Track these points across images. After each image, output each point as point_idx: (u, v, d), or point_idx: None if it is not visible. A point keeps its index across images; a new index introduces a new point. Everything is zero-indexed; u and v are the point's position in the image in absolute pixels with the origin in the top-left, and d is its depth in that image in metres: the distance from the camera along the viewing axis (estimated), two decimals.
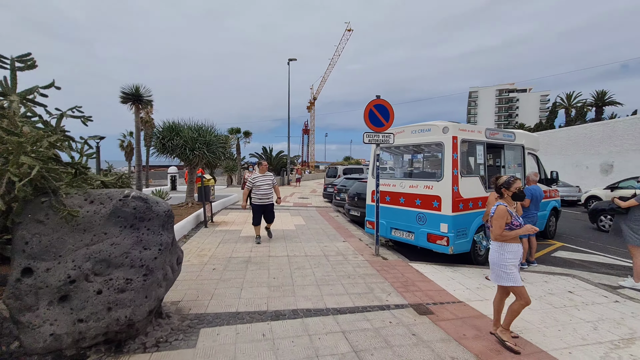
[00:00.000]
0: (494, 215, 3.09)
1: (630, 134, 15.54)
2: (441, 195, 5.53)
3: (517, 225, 3.06)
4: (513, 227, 3.06)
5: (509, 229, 3.05)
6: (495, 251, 3.15)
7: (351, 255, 6.13)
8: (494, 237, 3.11)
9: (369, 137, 5.99)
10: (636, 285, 4.84)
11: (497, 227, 3.05)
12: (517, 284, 2.97)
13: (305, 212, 11.96)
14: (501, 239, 3.06)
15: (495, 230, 3.07)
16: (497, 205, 3.13)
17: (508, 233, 3.03)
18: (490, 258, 3.20)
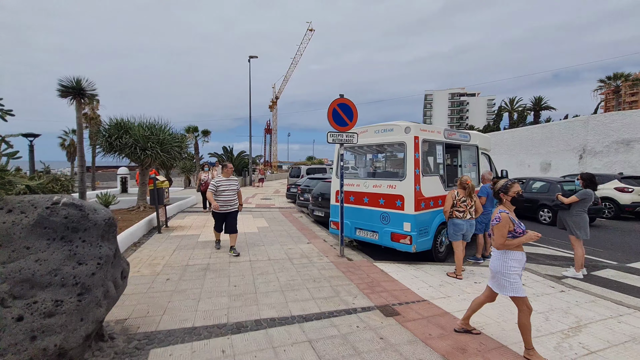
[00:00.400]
0: (497, 224, 2.90)
1: (563, 136, 17.25)
2: (404, 194, 5.59)
3: (521, 233, 2.88)
4: (516, 234, 2.88)
5: (512, 236, 2.88)
6: (497, 259, 2.97)
7: (316, 258, 5.99)
8: (497, 246, 2.94)
9: (332, 136, 5.90)
10: (577, 274, 5.26)
11: (500, 235, 2.88)
12: (520, 294, 2.84)
13: (268, 213, 11.63)
14: (504, 248, 2.90)
15: (498, 239, 2.90)
16: (500, 212, 2.93)
17: (511, 241, 2.86)
18: (491, 266, 3.04)
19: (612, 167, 14.44)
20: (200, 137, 40.53)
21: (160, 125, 12.54)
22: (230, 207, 6.04)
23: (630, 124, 13.96)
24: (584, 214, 5.25)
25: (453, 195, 5.08)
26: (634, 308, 3.99)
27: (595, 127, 15.32)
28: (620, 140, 14.28)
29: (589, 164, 15.52)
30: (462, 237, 5.10)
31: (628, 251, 6.93)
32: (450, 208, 5.11)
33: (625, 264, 5.96)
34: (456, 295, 4.29)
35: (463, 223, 5.01)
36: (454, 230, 5.05)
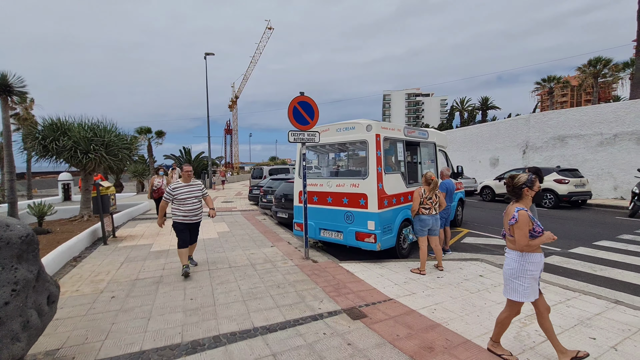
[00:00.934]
0: (516, 224, 2.60)
1: (509, 133, 18.64)
2: (367, 192, 5.56)
3: (540, 232, 2.62)
4: (535, 234, 2.62)
5: (531, 236, 2.61)
6: (514, 261, 2.71)
7: (280, 262, 5.76)
8: (519, 248, 2.63)
9: (294, 135, 5.70)
10: None
11: (522, 236, 2.58)
12: (528, 299, 2.66)
13: (229, 217, 11.13)
14: (527, 250, 2.62)
15: (521, 240, 2.59)
16: (518, 210, 2.62)
17: (533, 242, 2.59)
18: (506, 269, 2.77)
19: (551, 161, 15.87)
20: (154, 139, 38.06)
21: (105, 125, 11.48)
22: (196, 217, 5.11)
23: (564, 122, 15.44)
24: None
25: (420, 192, 5.12)
26: (578, 292, 4.29)
27: (535, 125, 16.73)
28: (557, 137, 15.74)
29: (531, 158, 16.91)
30: (428, 232, 5.18)
31: (568, 237, 7.56)
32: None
33: (567, 250, 6.47)
34: (421, 292, 4.32)
35: (429, 218, 5.09)
36: (421, 226, 5.11)
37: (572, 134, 15.20)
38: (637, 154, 13.24)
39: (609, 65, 40.32)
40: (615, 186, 13.89)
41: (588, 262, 5.67)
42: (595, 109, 14.58)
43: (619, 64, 40.65)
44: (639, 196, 10.06)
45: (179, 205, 4.97)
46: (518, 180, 2.76)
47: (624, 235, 7.56)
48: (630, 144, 13.44)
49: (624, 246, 6.68)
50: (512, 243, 2.72)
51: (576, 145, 15.08)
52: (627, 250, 6.40)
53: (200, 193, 5.20)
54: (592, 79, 41.21)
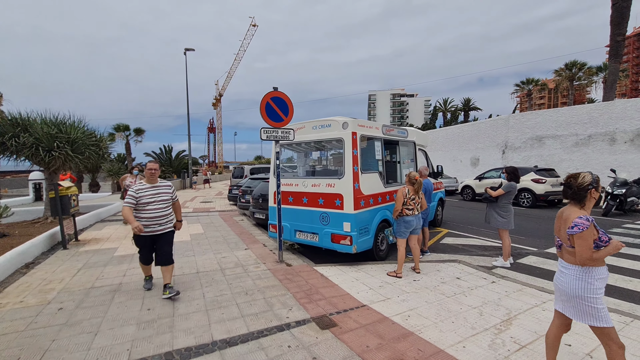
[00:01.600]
0: (580, 233, 2.17)
1: (489, 134, 18.92)
2: (343, 193, 5.35)
3: (606, 242, 2.19)
4: (601, 244, 2.19)
5: (597, 247, 2.18)
6: (578, 279, 2.25)
7: (252, 266, 5.48)
8: (581, 262, 2.20)
9: (266, 133, 5.42)
10: (505, 264, 5.52)
11: (586, 248, 2.15)
12: (609, 324, 2.18)
13: (205, 218, 10.71)
14: (592, 264, 2.18)
15: (584, 252, 2.16)
16: (580, 218, 2.20)
17: (598, 254, 2.16)
18: (567, 288, 2.30)
19: (529, 160, 16.18)
20: (132, 136, 36.85)
21: (72, 122, 10.84)
22: (162, 226, 4.12)
23: (542, 122, 15.77)
24: (509, 205, 5.51)
25: (404, 193, 4.93)
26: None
27: (514, 125, 17.03)
28: (535, 137, 16.06)
29: (510, 158, 17.21)
30: (411, 232, 5.01)
31: (545, 237, 7.60)
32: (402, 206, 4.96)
33: (544, 250, 6.46)
34: (395, 297, 4.13)
35: (413, 219, 4.92)
36: (405, 227, 4.92)
37: (549, 135, 15.53)
38: (610, 154, 13.63)
39: (583, 69, 41.94)
40: None
41: None
42: (570, 110, 14.94)
43: (593, 68, 42.35)
44: (611, 196, 10.30)
45: (139, 212, 4.01)
46: (583, 181, 2.29)
47: None
48: (604, 144, 13.83)
49: None
50: (572, 255, 2.28)
51: (553, 146, 15.42)
52: None
53: (169, 197, 4.20)
54: (568, 82, 42.73)
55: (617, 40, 17.43)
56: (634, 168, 12.89)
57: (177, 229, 4.40)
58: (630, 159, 13.11)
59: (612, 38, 17.54)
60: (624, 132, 13.25)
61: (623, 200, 10.22)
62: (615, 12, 17.13)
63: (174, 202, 4.36)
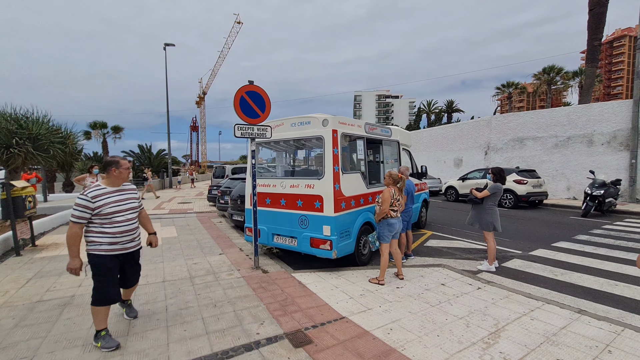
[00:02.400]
0: None
1: (472, 135, 19.07)
2: (322, 194, 5.02)
3: None
4: None
5: None
6: None
7: (225, 273, 5.07)
8: None
9: (241, 130, 5.03)
10: (490, 268, 5.34)
11: None
12: None
13: (181, 220, 10.17)
14: None
15: None
16: None
17: None
18: None
19: (511, 162, 16.36)
20: (110, 134, 35.49)
21: (35, 117, 10.09)
22: (134, 242, 3.20)
23: (523, 124, 15.97)
24: (495, 207, 5.33)
25: (391, 193, 4.64)
26: (542, 300, 4.02)
27: (496, 127, 17.19)
28: (516, 138, 16.25)
29: (492, 159, 17.37)
30: (393, 235, 4.73)
31: (528, 239, 7.52)
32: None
33: (528, 253, 6.35)
34: (377, 307, 3.84)
35: (396, 222, 4.64)
36: (389, 230, 4.62)
37: (530, 136, 15.74)
38: (588, 156, 13.90)
39: (560, 74, 43.40)
40: (568, 186, 14.52)
41: (549, 266, 5.53)
42: (550, 112, 15.18)
43: (569, 73, 43.87)
44: (590, 197, 10.42)
45: (103, 227, 2.92)
46: None
47: (579, 236, 7.65)
48: (582, 146, 14.09)
49: (580, 247, 6.69)
50: None
51: (533, 147, 15.63)
52: (584, 251, 6.39)
53: (137, 203, 3.23)
54: (546, 86, 44.09)
55: (594, 45, 17.89)
56: (610, 169, 13.17)
57: (153, 245, 3.51)
58: (607, 161, 13.40)
59: (589, 43, 17.99)
60: (601, 134, 13.54)
61: (602, 201, 10.35)
62: (592, 17, 17.57)
63: (141, 210, 3.40)
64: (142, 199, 17.93)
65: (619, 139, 13.11)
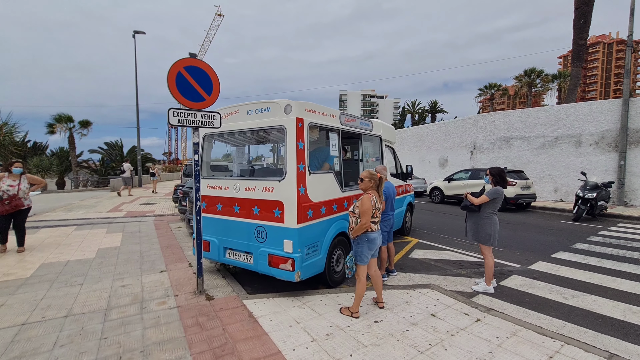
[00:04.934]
0: None
1: (457, 134, 18.46)
2: (283, 199, 3.96)
3: None
4: None
5: None
6: None
7: (157, 301, 3.93)
8: None
9: (178, 116, 3.89)
10: (488, 288, 4.42)
11: None
12: None
13: (134, 225, 8.85)
14: None
15: None
16: None
17: None
18: None
19: (497, 162, 15.80)
20: (76, 129, 33.03)
21: None
22: None
23: (510, 123, 15.42)
24: (494, 216, 4.43)
25: (373, 201, 3.59)
26: (559, 339, 3.11)
27: (482, 125, 16.60)
28: (503, 138, 15.69)
29: (478, 159, 16.78)
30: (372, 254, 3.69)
31: (523, 248, 6.71)
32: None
33: (527, 267, 5.49)
34: (347, 355, 2.81)
35: (377, 236, 3.59)
36: (369, 248, 3.55)
37: (517, 136, 15.20)
38: (576, 156, 13.43)
39: (541, 76, 44.02)
40: (555, 188, 14.03)
41: (554, 285, 4.67)
42: (538, 111, 14.68)
43: (549, 75, 44.59)
44: (582, 200, 9.81)
45: None
46: None
47: (578, 245, 6.91)
48: (570, 146, 13.62)
49: (583, 259, 5.91)
50: None
51: (520, 147, 15.10)
52: (588, 265, 5.60)
53: None
54: (527, 88, 44.63)
55: (580, 45, 17.57)
56: (599, 171, 12.74)
57: None
58: (595, 162, 12.96)
59: (575, 42, 17.66)
60: (590, 134, 13.09)
61: (594, 204, 9.77)
62: (578, 16, 17.24)
63: None
64: (130, 195, 16.19)
65: (607, 140, 12.68)
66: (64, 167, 29.50)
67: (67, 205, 12.91)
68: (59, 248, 6.36)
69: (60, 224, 8.87)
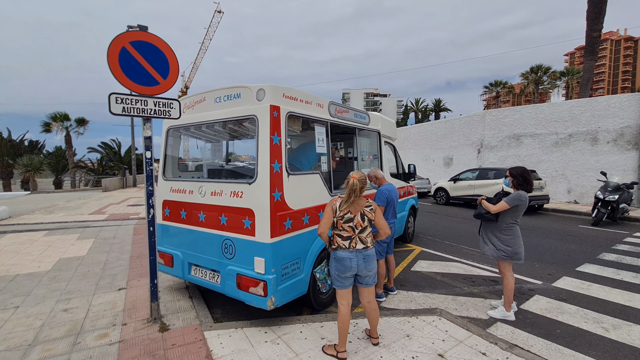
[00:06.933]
0: None
1: (463, 131, 17.57)
2: (254, 207, 3.18)
3: None
4: None
5: None
6: None
7: (97, 332, 3.17)
8: None
9: (123, 103, 3.13)
10: (507, 315, 3.62)
11: None
12: None
13: (112, 229, 8.13)
14: None
15: None
16: None
17: None
18: None
19: (506, 161, 14.91)
20: (72, 127, 32.49)
21: None
22: None
23: (520, 119, 14.51)
24: (516, 226, 3.62)
25: (334, 206, 2.84)
26: None
27: (490, 122, 15.71)
28: (512, 135, 14.78)
29: (485, 158, 15.89)
30: (356, 280, 2.87)
31: (544, 259, 5.89)
32: (330, 228, 2.88)
33: (551, 284, 4.67)
34: None
35: (349, 257, 2.77)
36: (338, 270, 2.77)
37: (528, 133, 14.29)
38: (592, 155, 12.52)
39: (548, 73, 42.86)
40: (569, 189, 13.13)
41: (588, 310, 3.85)
42: (550, 107, 13.76)
43: (557, 72, 43.41)
44: (603, 202, 8.94)
45: None
46: None
47: (605, 255, 6.06)
48: (585, 144, 12.71)
49: (614, 273, 5.08)
50: None
51: (531, 145, 14.19)
52: (623, 282, 4.77)
53: None
54: (533, 86, 43.50)
55: (593, 37, 16.62)
56: (617, 170, 11.82)
57: None
58: (613, 161, 12.05)
59: (588, 34, 16.71)
60: (607, 131, 12.17)
61: (615, 207, 8.89)
62: (592, 6, 16.29)
63: None
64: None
65: (626, 137, 11.76)
66: (60, 167, 28.99)
67: (49, 206, 12.23)
68: (15, 258, 5.65)
69: (31, 228, 8.17)
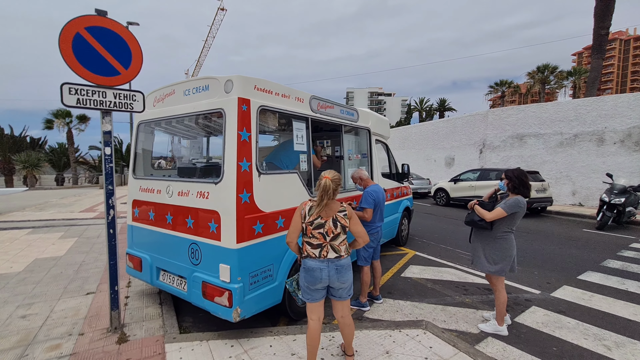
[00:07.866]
0: None
1: (465, 131, 17.17)
2: (219, 209, 2.91)
3: None
4: None
5: None
6: None
7: (51, 342, 2.93)
8: None
9: (77, 94, 2.87)
10: (499, 329, 3.31)
11: None
12: None
13: (97, 228, 7.92)
14: None
15: None
16: None
17: None
18: None
19: (508, 161, 14.51)
20: (74, 124, 32.55)
21: None
22: None
23: (523, 119, 14.10)
24: (510, 235, 3.30)
25: (303, 211, 2.55)
26: None
27: (493, 122, 15.30)
28: (515, 135, 14.37)
29: (488, 158, 15.49)
30: (328, 293, 2.59)
31: (543, 265, 5.56)
32: (299, 235, 2.60)
33: (549, 294, 4.35)
34: None
35: (319, 267, 2.48)
36: (307, 281, 2.49)
37: (531, 133, 13.88)
38: (597, 156, 12.10)
39: (555, 72, 42.10)
40: (573, 191, 12.71)
41: (589, 324, 3.53)
42: (555, 106, 13.34)
43: (564, 72, 42.63)
44: (608, 205, 8.55)
45: None
46: None
47: (609, 262, 5.71)
48: (591, 145, 12.28)
49: (619, 283, 4.74)
50: None
51: (535, 145, 13.77)
52: (628, 292, 4.43)
53: None
54: (540, 85, 42.77)
55: (601, 35, 16.11)
56: (624, 172, 11.39)
57: None
58: (620, 162, 11.61)
59: (596, 32, 16.22)
60: (614, 131, 11.73)
61: (621, 211, 8.50)
62: (600, 3, 15.81)
63: None
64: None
65: (634, 138, 11.31)
66: (62, 164, 29.03)
67: (41, 203, 12.09)
68: None
69: (16, 225, 7.99)
